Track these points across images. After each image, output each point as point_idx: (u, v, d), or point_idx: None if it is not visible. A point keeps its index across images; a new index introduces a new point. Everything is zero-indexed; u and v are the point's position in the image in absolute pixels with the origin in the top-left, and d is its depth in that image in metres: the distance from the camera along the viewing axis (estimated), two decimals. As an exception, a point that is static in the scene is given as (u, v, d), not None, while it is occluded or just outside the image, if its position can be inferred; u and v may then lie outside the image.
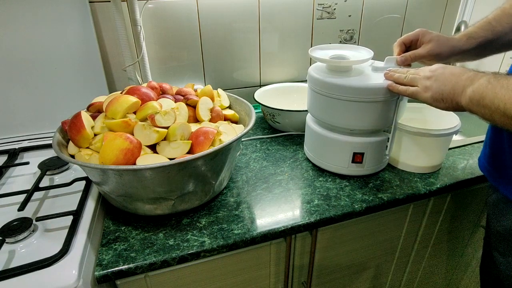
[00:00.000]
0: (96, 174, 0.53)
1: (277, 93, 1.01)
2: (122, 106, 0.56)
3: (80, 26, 0.79)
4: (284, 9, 0.98)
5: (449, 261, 0.92)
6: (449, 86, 0.50)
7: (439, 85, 0.51)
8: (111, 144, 0.50)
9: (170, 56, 0.94)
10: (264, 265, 0.65)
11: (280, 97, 1.00)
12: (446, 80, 0.51)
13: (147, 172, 0.50)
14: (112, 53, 0.89)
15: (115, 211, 0.62)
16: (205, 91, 0.71)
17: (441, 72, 0.52)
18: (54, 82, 0.81)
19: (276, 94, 1.00)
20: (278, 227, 0.57)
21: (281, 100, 0.97)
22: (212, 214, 0.61)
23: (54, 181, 0.67)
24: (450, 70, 0.51)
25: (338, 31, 1.08)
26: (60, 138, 0.58)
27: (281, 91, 1.02)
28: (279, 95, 1.00)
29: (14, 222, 0.52)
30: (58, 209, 0.56)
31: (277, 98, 0.98)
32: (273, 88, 1.02)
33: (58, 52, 0.79)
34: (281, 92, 1.02)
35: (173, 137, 0.55)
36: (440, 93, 0.51)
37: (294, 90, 1.03)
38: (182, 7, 0.89)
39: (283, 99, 0.99)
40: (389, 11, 1.12)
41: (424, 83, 0.54)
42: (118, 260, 0.51)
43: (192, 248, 0.53)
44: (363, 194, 0.66)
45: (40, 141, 0.81)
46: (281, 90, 1.03)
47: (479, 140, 0.85)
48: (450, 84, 0.50)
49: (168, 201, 0.56)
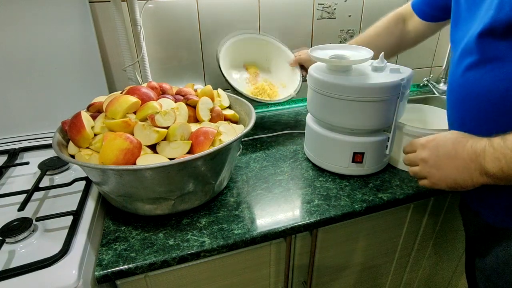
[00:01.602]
0: (96, 174, 0.53)
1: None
2: (122, 106, 0.56)
3: (80, 26, 0.79)
4: (284, 9, 0.98)
5: (449, 261, 0.92)
6: (458, 173, 0.47)
7: (445, 174, 0.49)
8: (111, 144, 0.50)
9: (170, 56, 0.94)
10: (264, 265, 0.65)
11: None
12: (448, 167, 0.48)
13: (147, 172, 0.50)
14: (112, 53, 0.89)
15: (115, 211, 0.62)
16: (205, 91, 0.71)
17: (435, 159, 0.50)
18: (54, 82, 0.81)
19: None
20: (278, 227, 0.57)
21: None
22: (212, 214, 0.61)
23: (54, 181, 0.67)
24: (443, 152, 0.49)
25: (338, 31, 1.08)
26: (60, 138, 0.58)
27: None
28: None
29: (14, 222, 0.52)
30: (58, 209, 0.56)
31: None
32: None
33: (58, 52, 0.79)
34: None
35: (173, 137, 0.55)
36: (452, 182, 0.48)
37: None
38: (182, 7, 0.89)
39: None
40: (389, 11, 1.12)
41: (426, 170, 0.52)
42: (118, 260, 0.51)
43: (192, 248, 0.53)
44: (363, 194, 0.66)
45: (40, 141, 0.81)
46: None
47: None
48: (456, 171, 0.47)
49: (168, 201, 0.56)
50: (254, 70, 1.00)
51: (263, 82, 0.98)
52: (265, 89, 0.95)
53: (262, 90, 0.94)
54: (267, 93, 0.94)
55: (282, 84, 0.98)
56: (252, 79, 0.98)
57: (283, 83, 0.98)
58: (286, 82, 0.98)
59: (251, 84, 0.97)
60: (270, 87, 0.96)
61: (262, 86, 0.95)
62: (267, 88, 0.95)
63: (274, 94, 0.95)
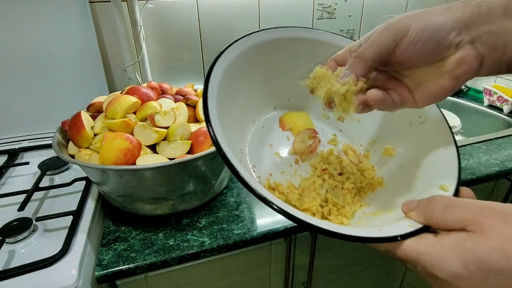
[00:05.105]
0: (96, 174, 0.53)
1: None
2: (122, 106, 0.56)
3: (80, 26, 0.79)
4: (284, 9, 0.98)
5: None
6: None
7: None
8: (111, 144, 0.50)
9: (170, 56, 0.94)
10: (264, 265, 0.65)
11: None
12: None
13: (147, 172, 0.50)
14: (112, 53, 0.89)
15: (115, 211, 0.62)
16: (205, 91, 0.70)
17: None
18: (54, 82, 0.81)
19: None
20: (278, 227, 0.57)
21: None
22: (212, 214, 0.61)
23: (54, 181, 0.67)
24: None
25: (338, 31, 1.08)
26: (60, 138, 0.58)
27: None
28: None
29: (14, 222, 0.52)
30: (58, 209, 0.56)
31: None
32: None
33: (58, 52, 0.79)
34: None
35: (173, 137, 0.55)
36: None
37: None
38: (182, 7, 0.89)
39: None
40: (389, 11, 1.12)
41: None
42: (118, 260, 0.51)
43: (192, 248, 0.53)
44: (363, 194, 0.66)
45: (40, 141, 0.81)
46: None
47: (479, 140, 0.85)
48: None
49: (168, 201, 0.56)
50: (303, 126, 0.46)
51: (332, 183, 0.40)
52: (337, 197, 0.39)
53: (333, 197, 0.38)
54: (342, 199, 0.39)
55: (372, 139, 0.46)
56: (304, 150, 0.44)
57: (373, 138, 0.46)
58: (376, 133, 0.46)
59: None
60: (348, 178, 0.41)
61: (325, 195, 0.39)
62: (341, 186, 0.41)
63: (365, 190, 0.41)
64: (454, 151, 0.36)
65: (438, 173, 0.35)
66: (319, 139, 0.46)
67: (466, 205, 0.25)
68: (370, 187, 0.41)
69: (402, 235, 0.27)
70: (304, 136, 0.45)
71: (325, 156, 0.44)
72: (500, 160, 0.75)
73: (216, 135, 0.31)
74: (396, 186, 0.39)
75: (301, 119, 0.46)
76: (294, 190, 0.39)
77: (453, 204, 0.26)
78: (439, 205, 0.27)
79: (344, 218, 0.36)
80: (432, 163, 0.37)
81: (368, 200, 0.40)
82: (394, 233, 0.28)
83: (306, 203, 0.37)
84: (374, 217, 0.35)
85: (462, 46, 0.30)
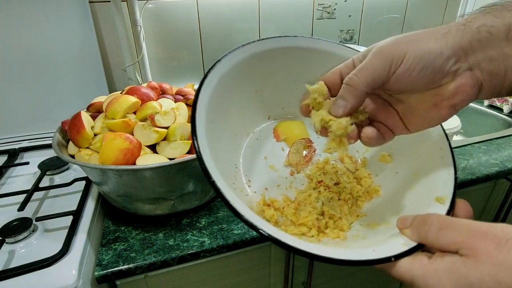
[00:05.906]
0: (96, 174, 0.53)
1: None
2: (122, 106, 0.56)
3: (80, 26, 0.79)
4: (284, 9, 0.99)
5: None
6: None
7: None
8: (111, 144, 0.50)
9: (170, 56, 0.94)
10: (264, 265, 0.65)
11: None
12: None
13: (147, 172, 0.50)
14: (112, 53, 0.89)
15: (115, 211, 0.62)
16: (205, 91, 0.70)
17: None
18: (54, 82, 0.81)
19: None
20: (278, 227, 0.57)
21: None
22: (212, 214, 0.61)
23: (54, 181, 0.67)
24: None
25: (338, 31, 1.08)
26: (60, 138, 0.58)
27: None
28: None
29: (14, 222, 0.52)
30: (58, 209, 0.56)
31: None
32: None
33: (58, 52, 0.79)
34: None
35: (173, 137, 0.55)
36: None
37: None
38: (182, 7, 0.89)
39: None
40: (389, 11, 1.12)
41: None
42: (118, 260, 0.51)
43: (192, 248, 0.53)
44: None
45: (40, 141, 0.81)
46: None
47: (479, 140, 0.85)
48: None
49: (168, 201, 0.56)
50: (298, 135, 0.45)
51: (328, 197, 0.39)
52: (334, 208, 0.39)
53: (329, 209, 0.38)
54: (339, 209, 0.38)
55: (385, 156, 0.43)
56: (299, 161, 0.44)
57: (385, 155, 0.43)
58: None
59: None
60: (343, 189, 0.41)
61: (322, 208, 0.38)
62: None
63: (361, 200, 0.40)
64: (450, 160, 0.35)
65: (434, 183, 0.34)
66: (314, 148, 0.45)
67: (460, 227, 0.25)
68: (367, 195, 0.40)
69: (396, 255, 0.27)
70: (299, 146, 0.44)
71: (320, 165, 0.43)
72: (500, 160, 0.75)
73: (206, 164, 0.31)
74: (392, 195, 0.39)
75: (296, 128, 0.45)
76: (290, 204, 0.38)
77: (447, 226, 0.26)
78: (434, 226, 0.27)
79: (341, 232, 0.35)
80: (427, 172, 0.36)
81: (365, 210, 0.39)
82: (388, 253, 0.27)
83: (302, 218, 0.36)
84: (372, 230, 0.34)
85: (459, 73, 0.29)
